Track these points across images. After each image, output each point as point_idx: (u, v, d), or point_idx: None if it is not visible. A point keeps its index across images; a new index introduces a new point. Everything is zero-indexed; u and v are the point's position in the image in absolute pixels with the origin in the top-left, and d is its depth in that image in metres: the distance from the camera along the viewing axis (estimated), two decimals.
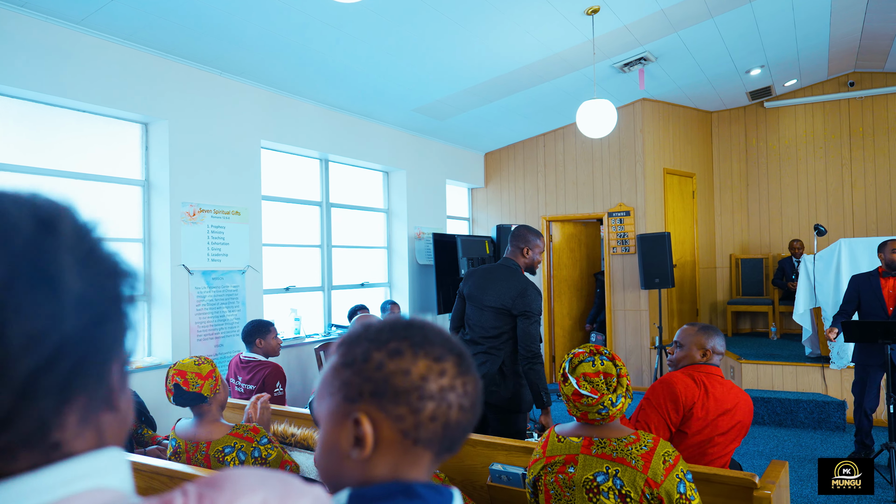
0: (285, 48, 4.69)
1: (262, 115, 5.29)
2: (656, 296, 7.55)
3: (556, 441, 1.91)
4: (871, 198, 8.31)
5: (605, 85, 6.82)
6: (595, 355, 1.87)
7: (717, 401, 2.59)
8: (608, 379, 1.82)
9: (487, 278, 3.51)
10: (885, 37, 6.89)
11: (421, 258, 7.24)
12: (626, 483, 1.72)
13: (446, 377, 0.84)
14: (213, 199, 4.79)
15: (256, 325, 4.05)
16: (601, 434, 1.83)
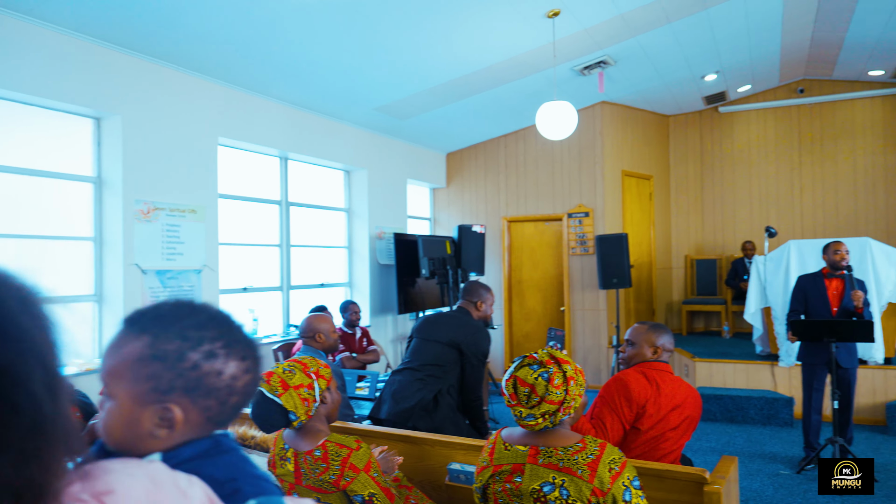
0: (245, 44, 4.62)
1: (220, 112, 5.20)
2: (614, 296, 7.68)
3: (503, 448, 1.90)
4: (819, 201, 8.61)
5: (566, 87, 6.91)
6: (540, 367, 1.83)
7: (668, 397, 2.65)
8: (531, 395, 1.80)
9: (440, 320, 3.58)
10: (832, 46, 7.15)
11: (382, 258, 7.22)
12: (573, 493, 1.72)
13: (249, 374, 0.98)
14: (168, 196, 4.69)
15: None
16: (547, 442, 1.82)
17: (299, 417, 2.05)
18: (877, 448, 5.29)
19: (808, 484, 4.52)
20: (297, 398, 2.04)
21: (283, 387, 2.04)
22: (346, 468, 2.01)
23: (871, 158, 8.36)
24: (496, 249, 8.43)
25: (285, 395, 2.03)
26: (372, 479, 2.03)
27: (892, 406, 5.70)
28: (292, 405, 2.02)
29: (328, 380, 2.20)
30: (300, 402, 2.05)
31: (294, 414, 2.04)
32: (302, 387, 2.06)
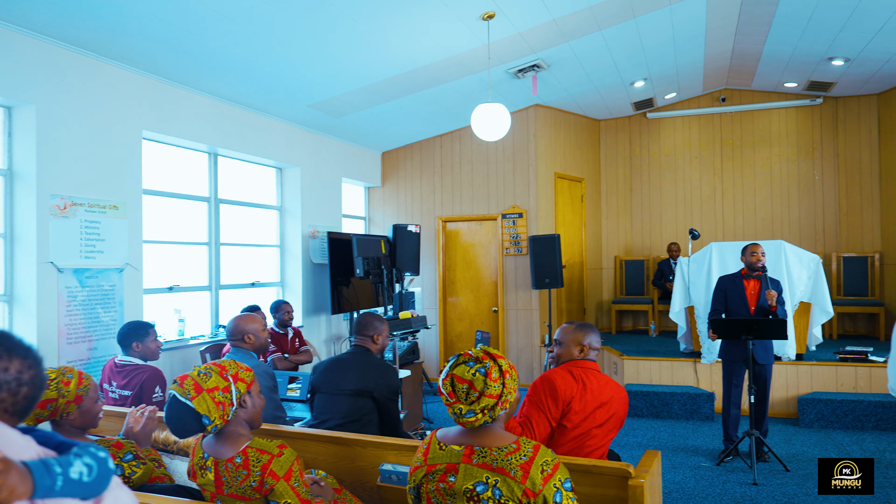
0: (171, 36, 4.45)
1: (145, 105, 4.99)
2: (546, 295, 7.83)
3: (438, 448, 1.90)
4: (739, 205, 9.03)
5: (500, 89, 6.99)
6: (477, 363, 1.85)
7: (594, 394, 2.71)
8: (470, 391, 1.82)
9: (341, 367, 3.35)
10: (751, 58, 7.51)
11: (315, 257, 7.11)
12: (505, 493, 1.74)
13: (32, 369, 1.24)
14: (87, 191, 4.47)
15: (133, 327, 3.80)
16: (482, 442, 1.84)
17: (213, 422, 1.99)
18: (789, 439, 5.58)
19: (727, 475, 4.73)
20: (210, 402, 1.98)
21: (196, 390, 1.98)
22: (267, 475, 1.96)
23: (785, 166, 8.83)
24: (431, 249, 8.45)
25: (198, 399, 1.97)
26: (291, 489, 1.98)
27: (802, 399, 6.03)
28: (205, 409, 1.97)
29: (249, 383, 2.14)
30: (214, 405, 1.99)
31: (207, 418, 1.98)
32: (217, 390, 2.01)
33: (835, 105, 8.61)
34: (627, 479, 2.16)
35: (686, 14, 6.03)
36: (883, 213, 8.33)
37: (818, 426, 5.93)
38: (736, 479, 4.65)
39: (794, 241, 8.38)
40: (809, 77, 7.88)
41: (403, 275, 7.21)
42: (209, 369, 2.07)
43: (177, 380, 2.02)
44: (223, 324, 5.98)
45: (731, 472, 4.80)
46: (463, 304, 8.44)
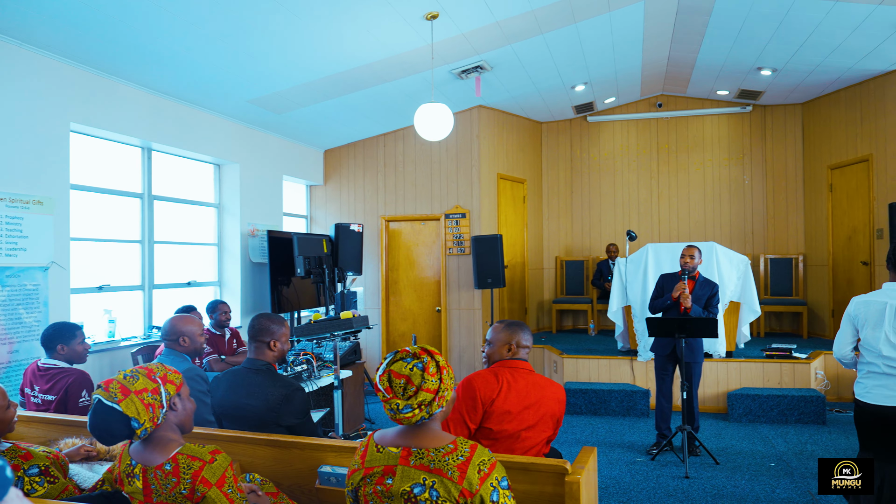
0: (102, 24, 4.27)
1: (73, 95, 4.76)
2: (489, 295, 7.89)
3: (375, 451, 1.89)
4: (674, 208, 9.33)
5: (444, 89, 7.00)
6: (414, 359, 1.84)
7: (520, 395, 2.70)
8: (407, 386, 1.81)
9: (240, 388, 2.98)
10: (686, 65, 7.77)
11: (255, 256, 6.96)
12: (442, 493, 1.74)
13: None
14: (8, 185, 4.23)
15: (58, 329, 3.62)
16: (419, 443, 1.83)
17: (143, 425, 1.91)
18: (719, 433, 5.80)
19: (661, 469, 4.87)
20: (139, 404, 1.90)
21: (122, 392, 1.90)
22: (198, 482, 1.89)
23: (717, 170, 9.18)
24: (374, 249, 8.39)
25: (126, 401, 1.89)
26: (224, 496, 1.92)
27: (732, 395, 6.28)
28: (134, 411, 1.89)
29: (178, 385, 2.07)
30: (143, 407, 1.91)
31: (137, 421, 1.90)
32: (145, 392, 1.94)
33: (763, 113, 9.00)
34: (564, 475, 2.20)
35: (624, 21, 6.19)
36: (806, 217, 8.76)
37: (746, 420, 6.18)
38: (669, 472, 4.80)
39: (725, 242, 8.72)
40: (740, 86, 8.21)
41: (346, 274, 7.13)
42: (136, 372, 1.98)
43: (101, 384, 1.93)
44: (157, 325, 5.78)
45: (664, 465, 4.94)
46: (406, 304, 8.42)
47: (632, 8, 5.94)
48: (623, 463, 5.05)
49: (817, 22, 5.85)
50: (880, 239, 7.09)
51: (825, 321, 8.27)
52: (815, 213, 8.52)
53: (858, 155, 7.53)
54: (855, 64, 6.85)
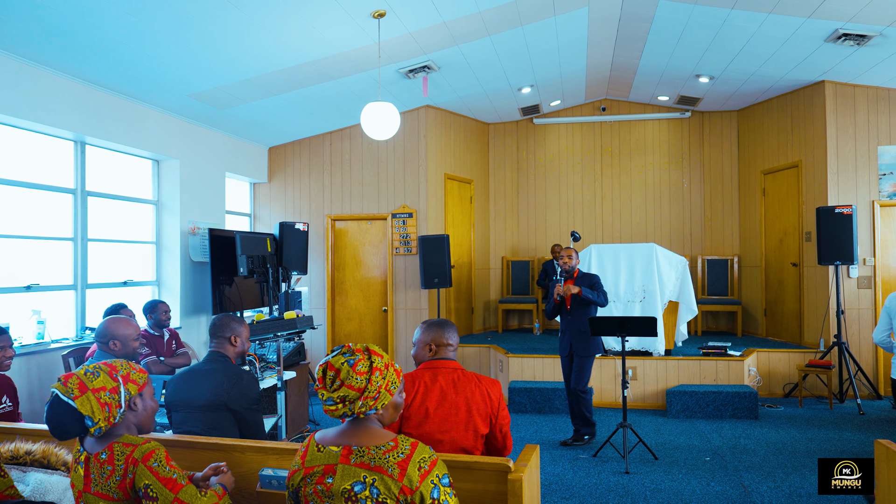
0: (29, 10, 4.08)
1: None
2: (436, 295, 7.91)
3: (316, 450, 1.88)
4: (617, 209, 9.56)
5: (391, 89, 6.98)
6: (349, 354, 1.85)
7: (439, 395, 2.66)
8: (335, 379, 1.82)
9: (195, 379, 3.13)
10: (629, 70, 7.98)
11: (195, 255, 6.78)
12: (383, 491, 1.74)
13: None
14: None
15: None
16: (360, 441, 1.84)
17: (97, 423, 1.91)
18: (658, 429, 5.98)
19: (602, 465, 4.98)
20: (94, 402, 1.91)
21: (80, 389, 1.91)
22: (129, 464, 1.91)
23: (658, 174, 9.45)
24: (320, 248, 8.30)
25: (82, 399, 1.90)
26: (149, 470, 1.92)
27: (670, 392, 6.48)
28: (88, 409, 1.90)
29: (141, 385, 2.07)
30: (99, 406, 1.91)
31: (91, 419, 1.90)
32: (104, 390, 1.95)
33: (701, 119, 9.32)
34: (507, 473, 2.22)
35: (570, 25, 6.30)
36: (741, 220, 9.11)
37: (683, 416, 6.39)
38: (610, 468, 4.91)
39: (664, 243, 9.00)
40: (679, 92, 8.48)
41: (290, 274, 7.03)
42: (98, 368, 1.99)
43: (61, 378, 1.93)
44: (91, 326, 5.56)
45: (605, 461, 5.06)
46: (352, 304, 8.36)
47: (576, 13, 6.06)
48: (566, 460, 5.14)
49: (751, 32, 6.10)
50: (809, 241, 7.45)
51: (758, 320, 8.63)
52: (749, 216, 8.88)
53: (789, 161, 7.89)
54: (786, 74, 7.17)
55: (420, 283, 7.77)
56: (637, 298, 6.81)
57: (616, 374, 6.81)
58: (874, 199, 7.13)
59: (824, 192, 7.20)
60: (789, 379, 7.17)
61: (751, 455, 5.15)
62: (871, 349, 7.09)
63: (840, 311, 6.81)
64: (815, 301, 7.38)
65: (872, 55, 6.28)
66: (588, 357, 5.44)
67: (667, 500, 4.25)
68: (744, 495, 4.32)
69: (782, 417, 6.31)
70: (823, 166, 7.24)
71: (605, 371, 6.87)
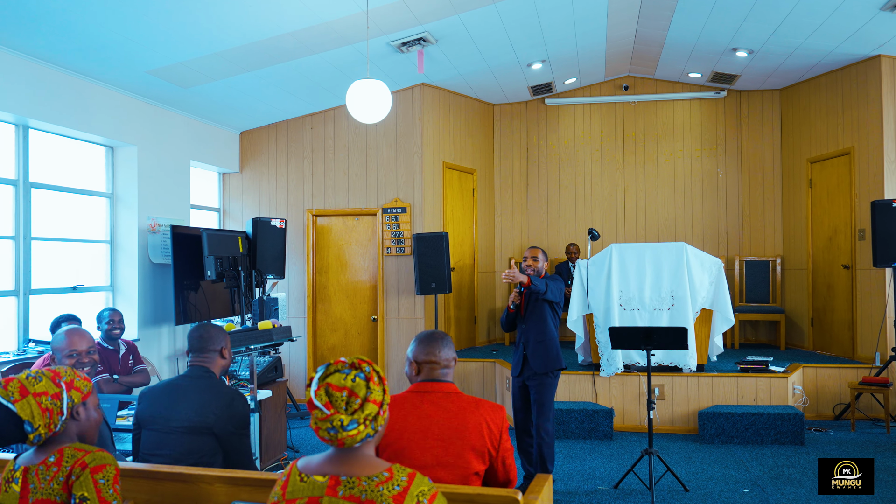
0: None
1: None
2: (433, 302, 7.91)
3: (298, 480, 1.86)
4: (641, 203, 9.56)
5: (381, 64, 6.99)
6: (353, 370, 1.84)
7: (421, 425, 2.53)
8: (351, 398, 1.80)
9: (174, 396, 3.08)
10: (655, 44, 7.99)
11: (156, 256, 6.78)
12: None
13: None
14: None
15: None
16: (350, 471, 1.82)
17: (37, 430, 2.05)
18: (689, 456, 5.98)
19: (625, 498, 4.99)
20: (35, 406, 2.06)
21: (21, 392, 2.06)
22: (77, 465, 2.05)
23: (689, 162, 9.47)
24: (299, 248, 8.30)
25: (22, 402, 2.05)
26: (93, 482, 2.04)
27: (703, 413, 6.48)
28: (28, 414, 2.05)
29: (85, 394, 2.23)
30: (40, 411, 2.06)
31: (30, 425, 2.04)
32: (45, 395, 2.09)
33: (738, 99, 9.34)
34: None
35: None
36: (784, 216, 9.12)
37: (718, 441, 6.40)
38: (634, 501, 4.91)
39: (696, 243, 9.00)
40: (713, 68, 8.49)
41: (265, 278, 7.03)
42: (40, 374, 2.13)
43: (1, 382, 2.08)
44: (35, 337, 5.56)
45: (628, 494, 5.06)
46: (337, 312, 8.36)
47: None
48: (583, 493, 5.14)
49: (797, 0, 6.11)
50: (862, 240, 7.45)
51: (804, 331, 8.63)
52: (794, 211, 8.89)
53: (840, 147, 7.90)
54: (836, 47, 7.18)
55: (415, 289, 7.76)
56: (665, 306, 6.82)
57: (640, 393, 6.81)
58: None
59: (880, 184, 7.21)
60: (840, 399, 7.17)
61: (796, 486, 5.16)
62: None
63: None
64: (870, 309, 7.38)
65: None
66: (547, 375, 5.05)
67: None
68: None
69: (832, 443, 6.32)
70: (880, 154, 7.25)
71: (628, 389, 6.87)
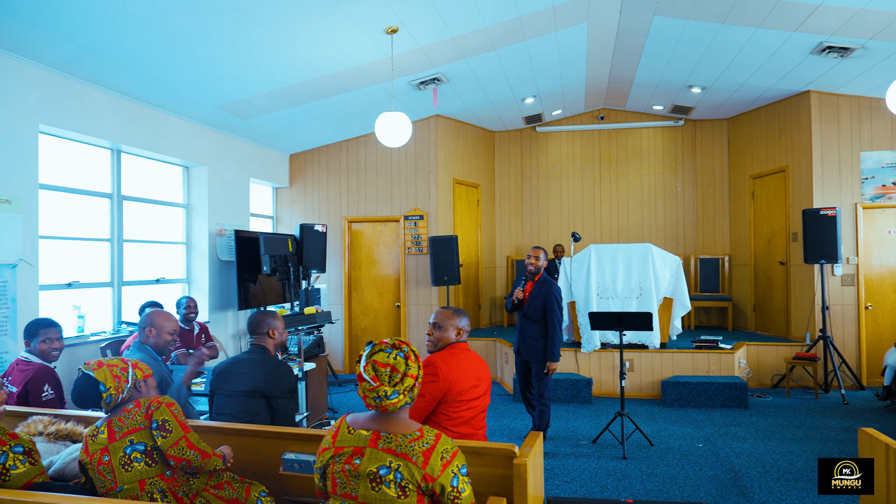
0: (72, 29, 4.12)
1: (43, 98, 4.58)
2: (445, 292, 7.91)
3: (347, 432, 1.90)
4: (615, 212, 9.52)
5: (403, 99, 6.99)
6: (394, 349, 1.89)
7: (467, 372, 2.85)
8: (393, 373, 1.85)
9: (236, 368, 3.20)
10: (626, 82, 7.94)
11: (222, 254, 6.82)
12: (406, 476, 1.76)
13: None
14: None
15: (27, 326, 3.50)
16: (389, 429, 1.85)
17: (109, 390, 2.25)
18: (654, 417, 5.95)
19: (602, 451, 4.97)
20: (108, 372, 2.27)
21: (98, 365, 2.29)
22: (154, 402, 2.27)
23: (653, 178, 9.41)
24: (337, 248, 8.32)
25: (98, 370, 2.26)
26: (169, 410, 2.25)
27: (665, 382, 6.45)
28: (103, 377, 2.25)
29: (146, 375, 2.42)
30: (111, 376, 2.26)
31: (104, 385, 2.24)
32: (115, 366, 2.31)
33: (694, 126, 9.27)
34: (512, 458, 2.23)
35: (570, 39, 6.29)
36: (731, 221, 9.06)
37: (677, 405, 6.36)
38: (609, 454, 4.90)
39: (659, 243, 8.95)
40: (673, 101, 8.44)
41: (310, 272, 7.05)
42: (113, 357, 2.41)
43: (87, 362, 2.30)
44: (126, 320, 5.61)
45: (604, 448, 5.05)
46: (367, 300, 8.38)
47: (576, 28, 6.04)
48: (567, 446, 5.13)
49: (741, 45, 6.06)
50: (795, 241, 7.39)
51: (748, 315, 8.57)
52: (739, 217, 8.83)
53: (777, 166, 7.83)
54: (774, 84, 7.12)
55: (430, 281, 7.77)
56: (634, 295, 6.79)
57: (614, 366, 6.79)
58: (857, 201, 7.07)
59: (810, 195, 7.15)
60: (777, 371, 7.12)
61: (741, 442, 5.13)
62: (854, 343, 7.03)
63: (825, 307, 6.76)
64: (802, 297, 7.32)
65: (855, 66, 6.23)
66: (534, 364, 5.00)
67: (662, 484, 4.24)
68: (734, 479, 4.29)
69: (771, 406, 6.27)
70: (809, 171, 7.18)
71: (604, 363, 6.85)
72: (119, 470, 2.19)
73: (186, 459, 2.24)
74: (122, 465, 2.19)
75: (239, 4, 4.21)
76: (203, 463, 2.28)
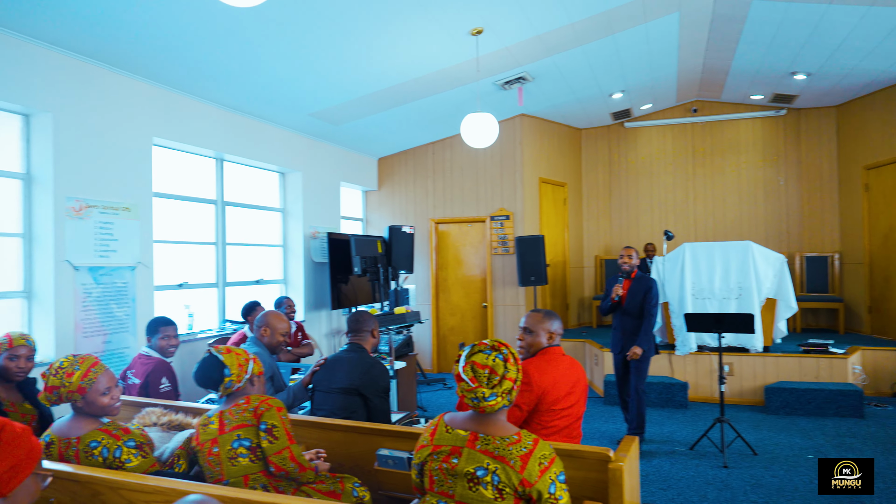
0: (179, 48, 4.42)
1: (155, 113, 4.95)
2: (532, 292, 7.83)
3: (445, 431, 1.90)
4: (710, 208, 9.07)
5: (488, 100, 6.98)
6: (494, 351, 1.86)
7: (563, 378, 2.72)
8: (491, 375, 1.82)
9: (336, 366, 3.31)
10: (720, 72, 7.55)
11: (316, 256, 7.08)
12: (503, 479, 1.74)
13: None
14: (101, 194, 4.42)
15: (149, 323, 3.79)
16: (487, 430, 1.84)
17: (232, 375, 2.36)
18: (757, 425, 5.61)
19: (700, 459, 4.74)
20: (234, 360, 2.40)
21: (227, 351, 2.42)
22: (264, 403, 2.33)
23: (752, 172, 8.88)
24: (424, 249, 8.43)
25: (226, 356, 2.40)
26: (279, 416, 2.30)
27: (769, 388, 6.06)
28: (230, 362, 2.38)
29: (260, 371, 2.53)
30: (237, 364, 2.39)
31: (229, 370, 2.36)
32: (241, 356, 2.45)
33: (797, 116, 8.67)
34: (607, 462, 2.17)
35: (660, 31, 6.05)
36: (841, 216, 8.39)
37: (783, 413, 5.97)
38: (708, 462, 4.67)
39: (760, 241, 8.42)
40: (774, 90, 7.93)
41: (399, 273, 7.19)
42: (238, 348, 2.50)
43: (212, 346, 2.46)
44: (230, 318, 5.94)
45: (703, 455, 4.81)
46: (454, 300, 8.44)
47: (667, 18, 5.80)
48: (663, 452, 4.93)
49: (852, 26, 5.60)
50: None
51: (862, 317, 7.90)
52: (850, 211, 8.16)
53: (894, 155, 7.17)
54: (891, 66, 6.53)
55: (517, 281, 7.72)
56: (733, 296, 6.43)
57: (712, 370, 6.46)
58: None
59: None
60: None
61: (857, 454, 4.73)
62: None
63: None
64: None
65: None
66: (644, 357, 5.06)
67: (769, 497, 3.98)
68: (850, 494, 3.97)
69: (891, 417, 5.75)
70: None
71: (700, 366, 6.53)
72: (227, 463, 2.27)
73: (285, 469, 2.29)
74: (229, 459, 2.27)
75: (330, 15, 4.36)
76: (298, 475, 2.33)
